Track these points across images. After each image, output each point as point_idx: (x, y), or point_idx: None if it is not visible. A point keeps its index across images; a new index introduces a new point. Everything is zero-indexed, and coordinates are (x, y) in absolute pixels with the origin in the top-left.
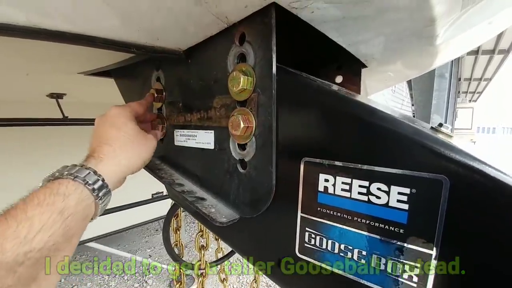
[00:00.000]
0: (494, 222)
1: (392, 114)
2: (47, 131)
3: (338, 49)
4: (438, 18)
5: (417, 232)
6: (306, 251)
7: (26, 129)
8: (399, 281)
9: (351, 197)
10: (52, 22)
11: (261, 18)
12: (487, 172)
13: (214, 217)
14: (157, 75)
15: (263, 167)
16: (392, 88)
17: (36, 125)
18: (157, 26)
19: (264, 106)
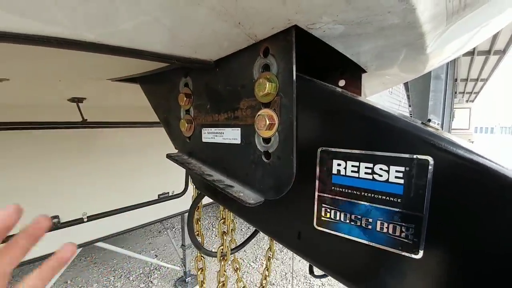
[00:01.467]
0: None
1: (390, 111)
2: (66, 134)
3: (342, 58)
4: (426, 33)
5: (411, 200)
6: (322, 223)
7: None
8: (398, 240)
9: (359, 177)
10: (115, 40)
11: (284, 36)
12: (460, 152)
13: (244, 199)
14: (185, 81)
15: (285, 156)
16: (389, 90)
17: (56, 128)
18: (199, 43)
19: (286, 107)
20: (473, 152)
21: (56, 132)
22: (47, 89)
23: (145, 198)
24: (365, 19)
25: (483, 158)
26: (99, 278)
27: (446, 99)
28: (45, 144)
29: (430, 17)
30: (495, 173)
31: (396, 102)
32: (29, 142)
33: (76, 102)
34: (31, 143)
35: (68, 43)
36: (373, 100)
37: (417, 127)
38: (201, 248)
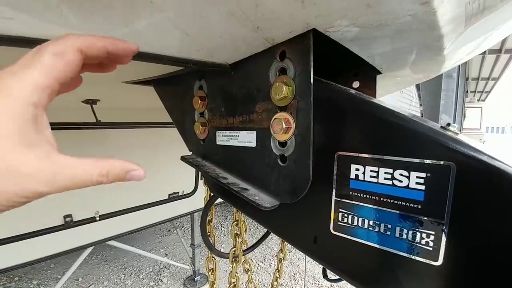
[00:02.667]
0: (489, 198)
1: (409, 115)
2: (80, 135)
3: (358, 59)
4: (445, 35)
5: (432, 207)
6: (339, 228)
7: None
8: (418, 247)
9: (378, 182)
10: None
11: (301, 40)
12: (482, 158)
13: (259, 203)
14: (200, 84)
15: (302, 160)
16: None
17: (70, 129)
18: (216, 47)
19: (303, 111)
20: (496, 158)
21: (69, 132)
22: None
23: (156, 198)
24: (384, 22)
25: (505, 165)
26: (109, 275)
27: (457, 98)
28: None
29: (449, 20)
30: None
31: (407, 101)
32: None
33: (90, 103)
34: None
35: None
36: (383, 99)
37: (437, 132)
38: (213, 249)
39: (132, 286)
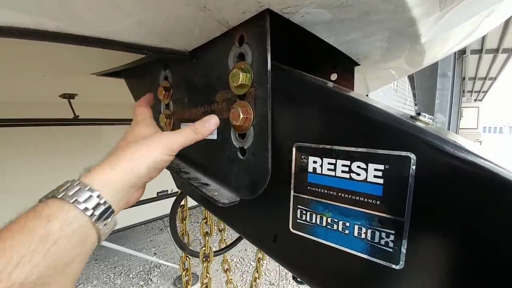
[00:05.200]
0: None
1: (371, 102)
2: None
3: (331, 49)
4: (418, 18)
5: (391, 202)
6: (298, 226)
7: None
8: (377, 247)
9: (335, 176)
10: (78, 28)
11: (257, 22)
12: (447, 148)
13: (217, 199)
14: (165, 74)
15: (260, 153)
16: (394, 88)
17: (47, 125)
18: (167, 31)
19: (261, 99)
20: (464, 148)
21: (50, 129)
22: (33, 85)
23: (144, 196)
24: (345, 2)
25: (475, 156)
26: (99, 274)
27: (453, 97)
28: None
29: (419, 0)
30: (489, 172)
31: (401, 100)
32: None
33: (67, 98)
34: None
35: (30, 34)
36: (376, 98)
37: (399, 120)
38: (186, 248)
39: (122, 285)
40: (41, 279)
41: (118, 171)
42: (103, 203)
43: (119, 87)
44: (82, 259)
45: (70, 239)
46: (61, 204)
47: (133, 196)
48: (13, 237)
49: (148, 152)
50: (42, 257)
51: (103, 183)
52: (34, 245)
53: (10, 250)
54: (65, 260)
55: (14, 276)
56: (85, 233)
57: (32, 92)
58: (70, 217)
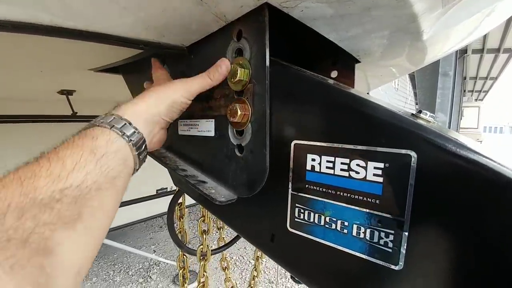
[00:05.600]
0: (457, 193)
1: (371, 99)
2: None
3: (332, 45)
4: (420, 14)
5: (391, 202)
6: (296, 225)
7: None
8: (376, 247)
9: (334, 174)
10: (73, 22)
11: (256, 17)
12: (449, 146)
13: (214, 197)
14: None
15: (258, 150)
16: (395, 86)
17: (46, 122)
18: (163, 25)
19: (259, 95)
20: (466, 146)
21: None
22: (31, 80)
23: (144, 193)
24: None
25: (477, 154)
26: (98, 272)
27: (454, 97)
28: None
29: None
30: (491, 171)
31: (402, 99)
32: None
33: (65, 94)
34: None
35: (24, 27)
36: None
37: (399, 118)
38: (183, 246)
39: (121, 282)
40: (95, 184)
41: (144, 105)
42: (137, 131)
43: (117, 84)
44: (125, 178)
45: (115, 155)
46: (102, 129)
47: (156, 136)
48: (65, 149)
49: (169, 92)
50: (94, 165)
51: (132, 114)
52: (86, 154)
53: (64, 159)
54: (113, 173)
55: (70, 180)
56: (126, 154)
57: (30, 88)
58: (112, 138)
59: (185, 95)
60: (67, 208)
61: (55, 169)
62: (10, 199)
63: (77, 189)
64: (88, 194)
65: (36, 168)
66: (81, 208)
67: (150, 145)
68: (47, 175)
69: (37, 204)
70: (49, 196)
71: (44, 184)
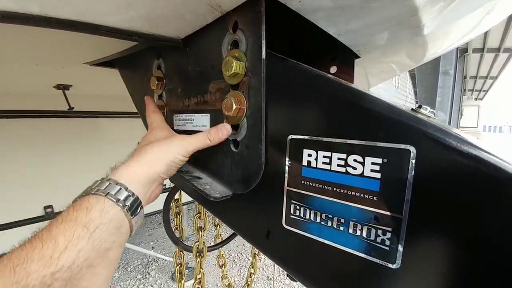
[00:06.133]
0: (459, 190)
1: (368, 93)
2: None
3: (331, 40)
4: (421, 7)
5: (388, 198)
6: (291, 222)
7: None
8: (373, 245)
9: (331, 170)
10: (63, 12)
11: (252, 7)
12: (449, 141)
13: (208, 193)
14: (158, 63)
15: (253, 145)
16: (395, 84)
17: (41, 117)
18: (157, 15)
19: (255, 89)
20: (467, 141)
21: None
22: (26, 74)
23: None
24: None
25: (478, 149)
26: None
27: (454, 96)
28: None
29: None
30: (492, 166)
31: (402, 97)
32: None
33: (62, 89)
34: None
35: (14, 17)
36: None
37: (398, 112)
38: (179, 243)
39: (120, 279)
40: (86, 261)
41: (141, 167)
42: (131, 194)
43: (114, 79)
44: (119, 247)
45: (108, 226)
46: (97, 198)
47: (154, 192)
48: (58, 226)
49: (168, 152)
50: (86, 242)
51: (129, 178)
52: (79, 231)
53: (56, 237)
54: (105, 245)
55: (62, 261)
56: (120, 221)
57: (25, 82)
58: (106, 207)
59: (183, 154)
60: None
61: (47, 251)
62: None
63: (68, 270)
64: (78, 273)
65: (29, 251)
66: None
67: (148, 201)
68: (39, 258)
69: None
70: (40, 282)
71: (36, 269)
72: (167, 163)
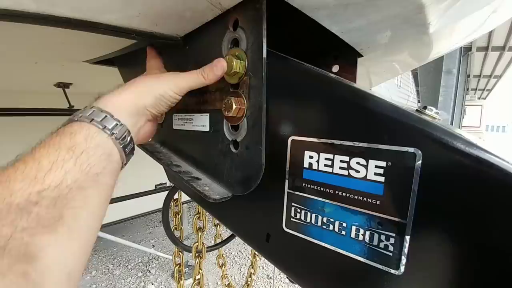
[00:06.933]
0: (466, 195)
1: (372, 93)
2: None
3: (333, 38)
4: (427, 5)
5: (392, 203)
6: (292, 225)
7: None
8: (376, 251)
9: (333, 172)
10: (60, 9)
11: (253, 4)
12: (457, 144)
13: (207, 194)
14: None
15: (253, 146)
16: (397, 84)
17: (42, 115)
18: (155, 12)
19: (255, 88)
20: (475, 145)
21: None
22: (26, 72)
23: (142, 188)
24: None
25: (487, 153)
26: (98, 265)
27: (457, 95)
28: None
29: None
30: (502, 171)
31: (404, 97)
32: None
33: (62, 87)
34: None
35: (10, 15)
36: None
37: (404, 113)
38: (178, 243)
39: (120, 276)
40: (76, 183)
41: (128, 95)
42: (118, 123)
43: (114, 77)
44: (110, 173)
45: (95, 151)
46: (80, 124)
47: (143, 129)
48: (41, 149)
49: (157, 84)
50: (73, 164)
51: (114, 106)
52: (63, 153)
53: (40, 159)
54: (95, 169)
55: (48, 181)
56: (109, 149)
57: (25, 80)
58: (91, 133)
59: (174, 89)
60: (46, 211)
61: (31, 171)
62: None
63: (56, 189)
64: (69, 194)
65: (11, 172)
66: (62, 209)
67: (137, 138)
68: (22, 178)
69: (13, 209)
70: (26, 199)
71: (20, 187)
72: (156, 95)
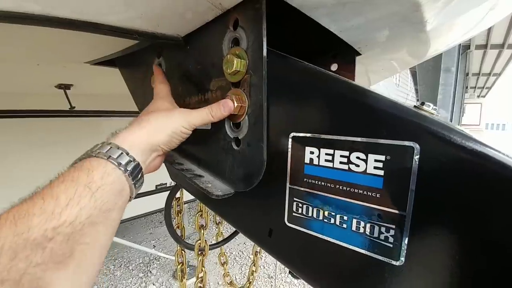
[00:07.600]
0: (463, 188)
1: (370, 90)
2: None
3: (332, 37)
4: (424, 2)
5: (392, 196)
6: (294, 220)
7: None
8: (376, 242)
9: (333, 167)
10: (63, 11)
11: (253, 4)
12: (454, 138)
13: (210, 191)
14: (159, 62)
15: (255, 143)
16: (396, 82)
17: (43, 117)
18: (157, 13)
19: (256, 86)
20: (472, 138)
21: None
22: (27, 74)
23: (143, 189)
24: None
25: (484, 146)
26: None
27: (456, 93)
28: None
29: None
30: (499, 164)
31: (403, 95)
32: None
33: (63, 88)
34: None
35: (14, 17)
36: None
37: (402, 108)
38: (181, 241)
39: (121, 277)
40: (89, 219)
41: (143, 133)
42: (133, 160)
43: (115, 78)
44: (120, 209)
45: (110, 188)
46: (98, 160)
47: (153, 163)
48: (59, 185)
49: (170, 122)
50: (88, 200)
51: (130, 143)
52: (80, 189)
53: (58, 195)
54: (107, 205)
55: (64, 216)
56: (121, 185)
57: (27, 82)
58: (108, 170)
59: (186, 126)
60: (60, 247)
61: (48, 206)
62: (4, 239)
63: (70, 226)
64: (81, 230)
65: (30, 206)
66: (74, 245)
67: (146, 170)
68: (40, 213)
69: (29, 244)
70: (42, 235)
71: (37, 223)
72: (168, 133)
